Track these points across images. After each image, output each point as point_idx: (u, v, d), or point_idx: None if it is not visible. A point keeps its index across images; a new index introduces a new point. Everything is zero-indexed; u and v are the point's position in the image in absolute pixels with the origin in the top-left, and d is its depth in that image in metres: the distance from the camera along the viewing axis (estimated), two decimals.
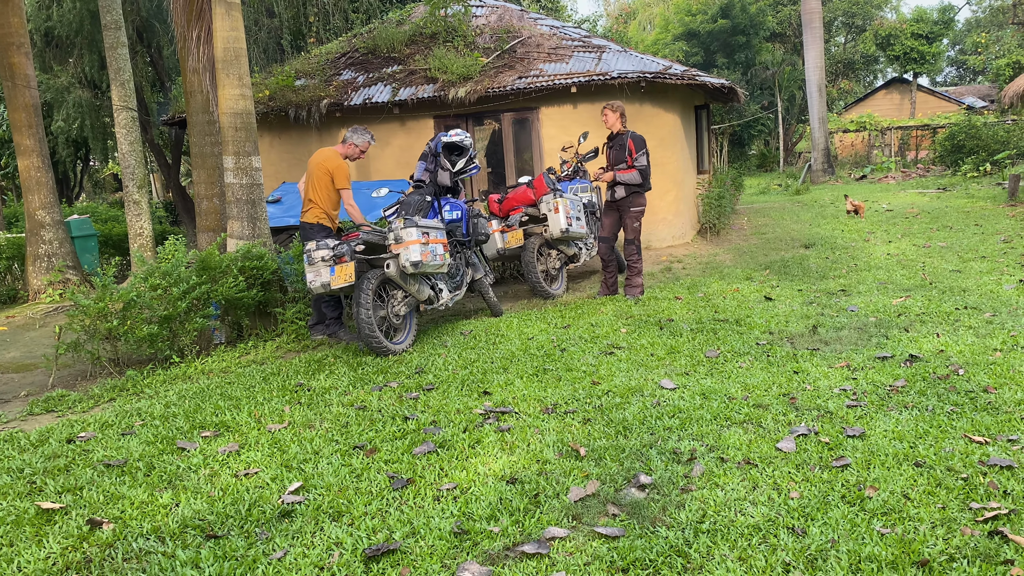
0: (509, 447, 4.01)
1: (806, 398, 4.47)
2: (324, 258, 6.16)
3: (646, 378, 5.04)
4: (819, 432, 3.94)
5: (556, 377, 5.23)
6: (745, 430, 4.04)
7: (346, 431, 4.42)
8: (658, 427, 4.15)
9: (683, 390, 4.74)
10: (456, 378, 5.35)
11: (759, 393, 4.61)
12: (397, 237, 6.15)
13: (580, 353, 5.83)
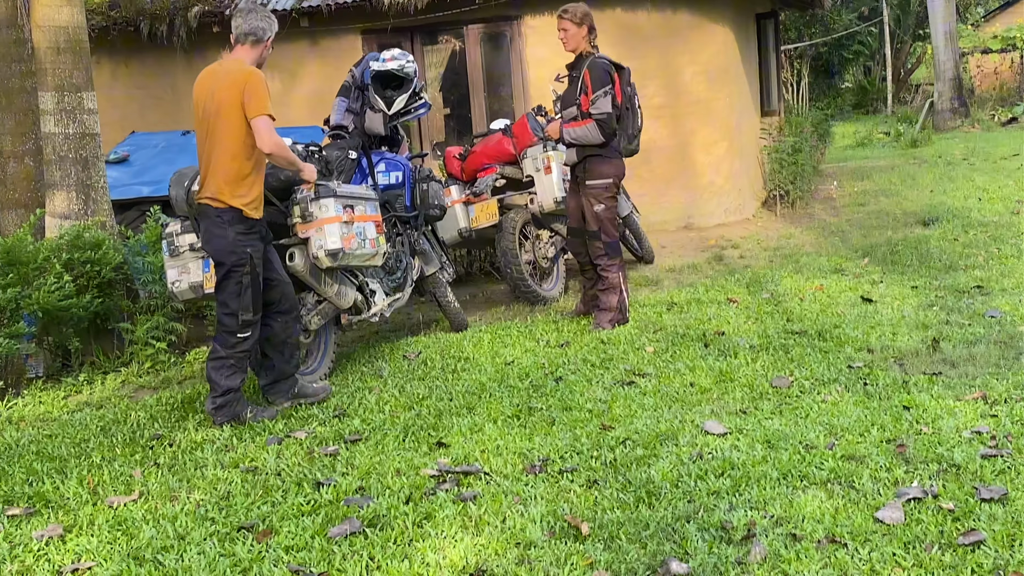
0: (475, 525, 4.02)
1: (921, 445, 4.52)
2: (194, 246, 6.15)
3: (682, 419, 5.08)
4: (939, 495, 3.99)
5: (547, 420, 5.25)
6: (829, 493, 4.08)
7: (227, 505, 4.41)
8: (699, 491, 4.18)
9: (737, 436, 4.78)
10: (396, 424, 5.36)
11: (851, 439, 4.65)
12: (305, 213, 6.16)
13: (584, 384, 5.86)
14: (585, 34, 7.34)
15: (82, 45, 7.81)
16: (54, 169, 7.69)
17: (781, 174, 13.03)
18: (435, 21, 11.94)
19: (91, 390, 6.90)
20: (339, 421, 5.54)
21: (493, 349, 6.94)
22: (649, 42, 11.79)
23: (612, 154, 7.36)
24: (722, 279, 8.88)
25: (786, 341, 6.45)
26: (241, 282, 5.61)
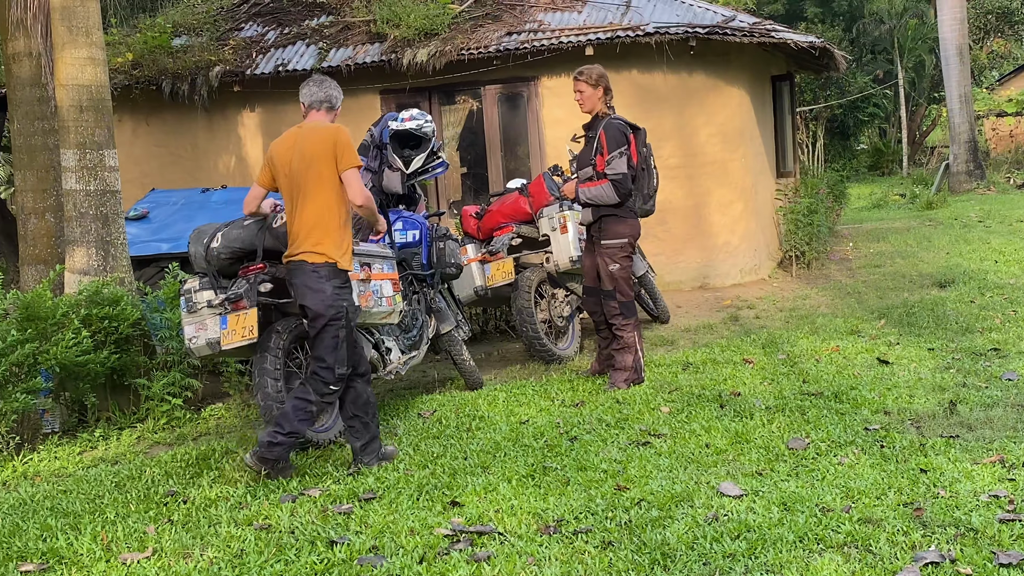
0: None
1: (938, 509, 4.49)
2: (212, 303, 6.20)
3: (698, 481, 5.06)
4: (957, 559, 3.96)
5: (562, 480, 5.24)
6: (846, 557, 4.06)
7: (241, 563, 4.41)
8: (715, 553, 4.16)
9: (754, 498, 4.76)
10: (410, 482, 5.35)
11: (868, 502, 4.63)
12: None
13: (599, 444, 5.85)
14: (601, 95, 7.43)
15: (104, 104, 7.93)
16: (74, 225, 7.78)
17: (797, 235, 13.05)
18: (453, 81, 12.08)
19: (106, 446, 6.93)
20: (353, 479, 5.53)
21: (508, 408, 6.94)
22: (665, 103, 11.89)
23: (627, 214, 7.40)
24: (738, 339, 8.88)
25: (802, 402, 6.43)
26: (338, 335, 5.67)
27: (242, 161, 13.10)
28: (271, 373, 6.06)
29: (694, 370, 7.74)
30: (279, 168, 5.81)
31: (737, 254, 12.17)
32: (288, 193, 5.79)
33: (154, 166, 13.09)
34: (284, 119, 12.74)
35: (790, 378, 7.22)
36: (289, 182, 5.77)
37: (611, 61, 11.73)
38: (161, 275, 8.50)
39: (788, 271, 12.99)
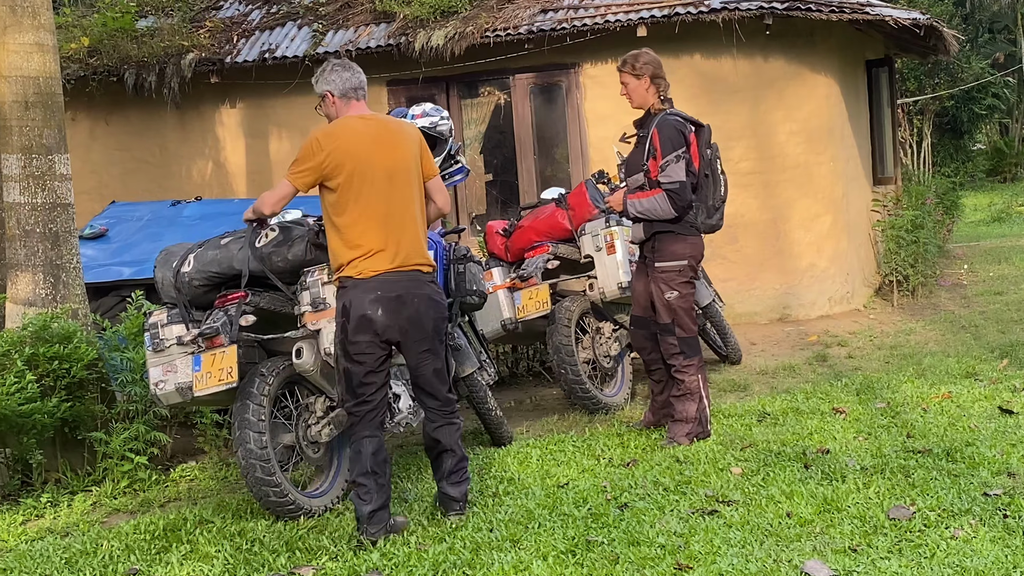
0: None
1: None
2: (182, 339, 6.22)
3: (777, 559, 5.01)
4: None
5: (610, 557, 5.20)
6: None
7: None
8: None
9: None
10: (424, 560, 5.33)
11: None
12: (316, 300, 6.23)
13: (655, 513, 5.81)
14: (648, 86, 7.41)
15: (55, 99, 7.99)
16: (18, 246, 7.82)
17: (898, 255, 12.98)
18: (475, 70, 12.13)
19: (55, 514, 6.93)
20: (354, 555, 5.51)
21: (543, 468, 6.91)
22: (735, 95, 11.89)
23: (688, 230, 7.35)
24: (826, 384, 8.81)
25: (906, 462, 6.37)
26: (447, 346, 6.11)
27: (220, 167, 13.20)
28: (254, 425, 6.05)
29: (772, 422, 7.69)
30: (350, 164, 5.81)
31: (825, 279, 12.11)
32: (379, 194, 5.84)
33: (115, 174, 13.22)
34: (271, 116, 12.86)
35: (891, 432, 7.15)
36: (379, 182, 5.85)
37: (669, 44, 11.74)
38: (122, 306, 8.54)
39: (888, 299, 12.90)
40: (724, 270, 11.62)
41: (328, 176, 5.82)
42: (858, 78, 13.78)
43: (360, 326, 5.75)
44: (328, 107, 6.11)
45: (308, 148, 5.90)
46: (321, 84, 6.10)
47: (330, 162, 5.82)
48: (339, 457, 6.67)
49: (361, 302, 5.75)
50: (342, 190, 5.80)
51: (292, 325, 6.34)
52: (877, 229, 13.51)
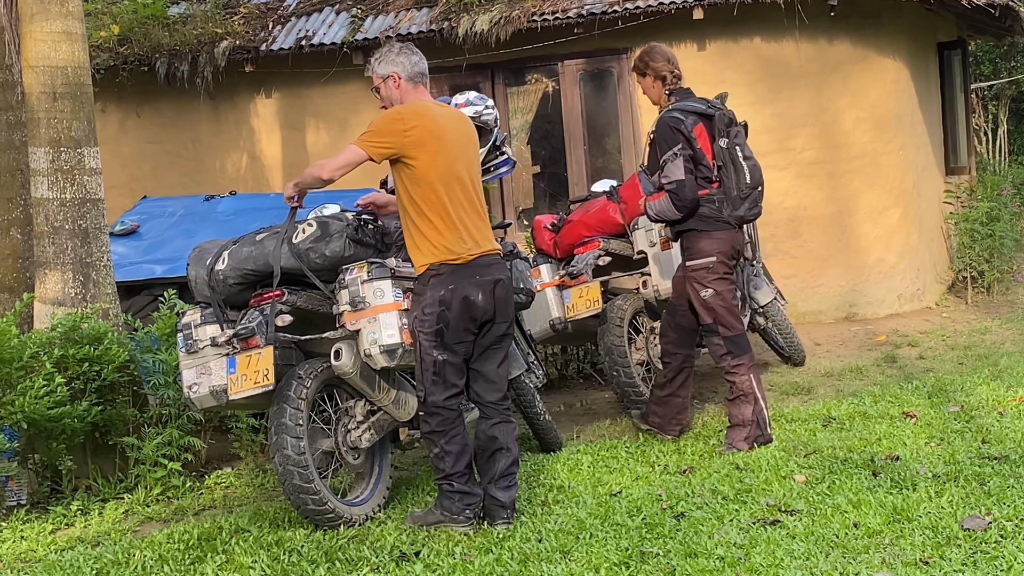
0: None
1: None
2: (216, 340, 6.26)
3: (843, 571, 4.98)
4: None
5: (665, 569, 5.19)
6: None
7: None
8: None
9: None
10: (470, 571, 5.34)
11: None
12: (355, 299, 6.24)
13: (713, 523, 5.78)
14: (652, 83, 7.56)
15: (84, 89, 8.04)
16: (46, 243, 7.88)
17: (973, 250, 12.87)
18: (522, 56, 12.13)
19: (86, 522, 6.99)
20: (397, 566, 5.52)
21: (595, 475, 6.91)
22: (798, 80, 11.83)
23: (714, 226, 7.33)
24: (896, 387, 8.76)
25: (981, 469, 6.30)
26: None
27: (255, 160, 13.26)
28: (292, 430, 6.06)
29: (838, 427, 7.65)
30: (433, 144, 5.96)
31: (894, 275, 12.03)
32: (447, 177, 6.00)
33: (146, 168, 13.31)
34: (308, 106, 12.91)
35: (965, 437, 7.09)
36: (452, 164, 6.03)
37: (727, 27, 11.73)
38: (155, 305, 8.58)
39: (962, 297, 12.81)
40: (786, 266, 11.57)
41: (409, 153, 5.93)
42: (929, 61, 13.67)
43: (463, 312, 5.95)
44: (392, 90, 6.19)
45: (390, 120, 6.00)
46: (386, 65, 6.18)
47: (413, 138, 5.93)
48: (380, 464, 6.68)
49: (463, 286, 5.94)
50: (425, 169, 5.94)
51: (330, 325, 6.36)
52: (950, 222, 13.40)
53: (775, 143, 11.73)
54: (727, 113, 7.45)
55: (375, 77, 6.24)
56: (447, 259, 5.92)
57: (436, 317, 5.91)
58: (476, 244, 6.03)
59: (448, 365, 5.97)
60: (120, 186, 12.80)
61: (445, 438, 6.03)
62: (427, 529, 6.00)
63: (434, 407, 6.00)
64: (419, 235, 5.97)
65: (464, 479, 6.05)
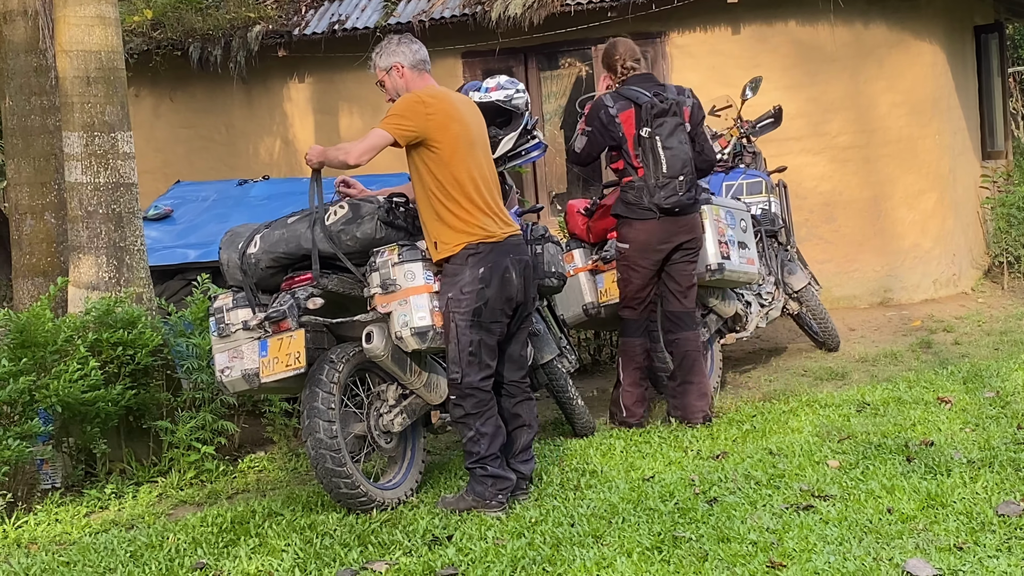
0: None
1: None
2: (248, 324, 6.28)
3: (877, 557, 4.96)
4: None
5: (698, 554, 5.18)
6: None
7: None
8: None
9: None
10: (502, 556, 5.33)
11: None
12: (386, 282, 6.24)
13: (746, 507, 5.78)
14: (606, 74, 8.07)
15: (117, 74, 8.08)
16: (80, 228, 7.93)
17: (1010, 234, 12.80)
18: (555, 40, 12.11)
19: (120, 505, 7.04)
20: (429, 550, 5.53)
21: (627, 460, 6.91)
22: (833, 64, 11.77)
23: (636, 213, 7.73)
24: (931, 372, 8.72)
25: (1016, 455, 6.27)
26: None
27: (288, 145, 13.29)
28: (324, 414, 6.08)
29: (872, 412, 7.62)
30: (456, 127, 6.10)
31: (929, 260, 11.97)
32: (469, 160, 6.15)
33: (179, 152, 13.36)
34: (341, 91, 12.94)
35: (1000, 423, 7.05)
36: (471, 147, 6.18)
37: (762, 10, 11.69)
38: (188, 290, 8.61)
39: (998, 282, 12.73)
40: (821, 251, 11.53)
41: (432, 136, 6.02)
42: (966, 45, 13.56)
43: (501, 290, 6.08)
44: (396, 80, 6.27)
45: (412, 104, 6.07)
46: (388, 57, 6.27)
47: (436, 122, 6.03)
48: (412, 448, 6.69)
49: (501, 264, 6.08)
50: (450, 152, 6.05)
51: (362, 308, 6.37)
52: (986, 207, 13.32)
53: (810, 127, 11.71)
54: (665, 104, 7.71)
55: (378, 71, 6.34)
56: (484, 238, 6.03)
57: (476, 295, 6.00)
58: (506, 224, 6.17)
59: (484, 345, 6.04)
60: (154, 171, 12.86)
61: (480, 420, 6.07)
62: (459, 513, 6.02)
63: (469, 388, 6.04)
64: (450, 215, 6.04)
65: (498, 462, 6.09)
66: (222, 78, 12.96)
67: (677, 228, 7.72)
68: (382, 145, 6.06)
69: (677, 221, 7.69)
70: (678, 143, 7.68)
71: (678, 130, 7.68)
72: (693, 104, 7.86)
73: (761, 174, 9.74)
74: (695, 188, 7.76)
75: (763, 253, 9.18)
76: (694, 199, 7.74)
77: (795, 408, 7.84)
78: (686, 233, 7.74)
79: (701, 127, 7.87)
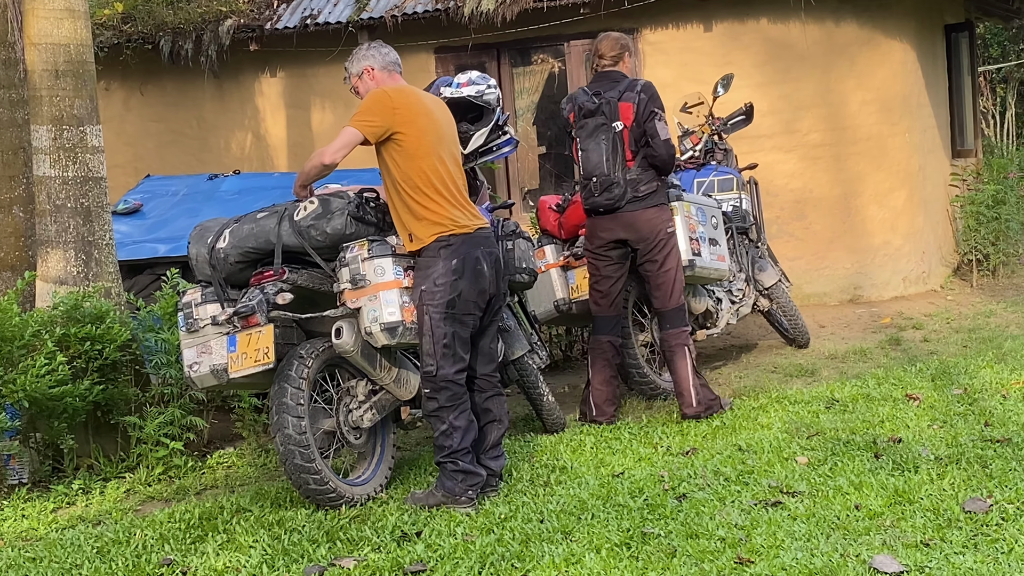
0: None
1: None
2: (217, 319, 6.26)
3: (845, 553, 4.98)
4: None
5: (666, 550, 5.19)
6: None
7: None
8: None
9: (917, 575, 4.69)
10: (471, 552, 5.33)
11: None
12: (356, 277, 6.24)
13: (715, 504, 5.79)
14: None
15: (86, 67, 8.02)
16: (48, 221, 7.88)
17: (978, 232, 12.85)
18: (528, 36, 12.11)
19: (87, 501, 7.00)
20: (398, 546, 5.52)
21: (597, 456, 6.91)
22: (804, 62, 11.80)
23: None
24: (899, 369, 8.75)
25: (983, 452, 6.30)
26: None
27: (260, 140, 13.26)
28: (293, 409, 6.06)
29: (841, 409, 7.64)
30: (422, 121, 6.16)
31: (899, 258, 12.02)
32: (437, 154, 6.21)
33: (150, 146, 13.30)
34: (314, 86, 12.90)
35: (968, 420, 7.08)
36: (439, 142, 6.26)
37: (734, 7, 11.72)
38: (157, 284, 8.57)
39: (967, 280, 12.78)
40: (792, 248, 11.56)
41: (398, 130, 6.08)
42: (936, 43, 13.61)
43: (474, 281, 6.12)
44: (368, 83, 6.37)
45: (378, 100, 6.15)
46: (358, 63, 6.40)
47: (401, 116, 6.10)
48: (382, 444, 6.69)
49: (473, 255, 6.13)
50: (416, 145, 6.11)
51: (332, 304, 6.35)
52: (956, 205, 13.38)
53: (781, 125, 11.76)
54: (592, 105, 7.84)
55: (352, 78, 6.46)
56: (455, 230, 6.07)
57: (449, 287, 6.03)
58: (475, 216, 6.23)
59: (458, 338, 6.07)
60: (124, 165, 12.81)
61: (454, 413, 6.07)
62: (429, 510, 6.02)
63: (444, 381, 6.05)
64: (420, 208, 6.08)
65: (469, 457, 6.10)
66: (193, 72, 12.91)
67: (613, 225, 7.78)
68: (354, 142, 6.10)
69: (614, 218, 7.76)
70: (594, 145, 7.78)
71: (598, 131, 7.76)
72: (639, 100, 7.73)
73: (732, 171, 9.75)
74: (627, 187, 7.69)
75: (734, 250, 9.21)
76: (620, 199, 7.69)
77: (765, 404, 7.86)
78: (624, 231, 7.76)
79: (651, 122, 7.68)
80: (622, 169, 7.69)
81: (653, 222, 7.74)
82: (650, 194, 7.73)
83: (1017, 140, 24.99)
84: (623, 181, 7.67)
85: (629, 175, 7.68)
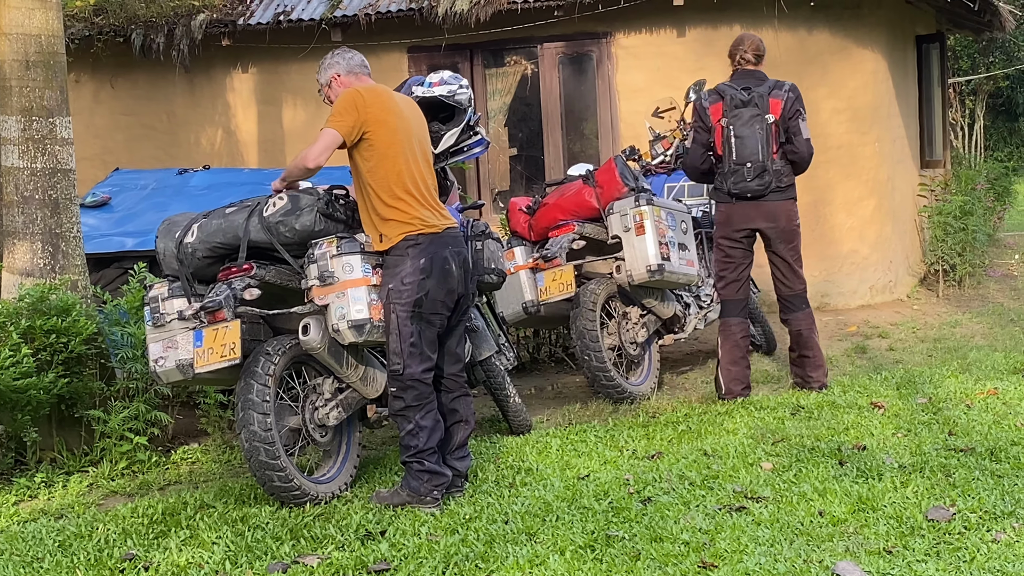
0: None
1: None
2: (183, 314, 6.24)
3: (808, 559, 4.99)
4: None
5: (630, 553, 5.20)
6: None
7: None
8: None
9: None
10: (435, 552, 5.33)
11: None
12: (324, 274, 6.23)
13: (679, 508, 5.80)
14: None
15: (57, 58, 8.00)
16: (15, 213, 7.85)
17: (945, 243, 12.92)
18: (501, 37, 12.11)
19: (50, 495, 6.97)
20: (362, 545, 5.51)
21: (563, 459, 6.91)
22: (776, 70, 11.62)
23: (717, 196, 8.42)
24: (865, 377, 8.78)
25: (947, 460, 6.33)
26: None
27: (231, 135, 13.21)
28: (258, 406, 6.06)
29: (806, 415, 7.66)
30: (393, 120, 6.18)
31: (867, 267, 12.07)
32: (413, 155, 6.26)
33: (119, 140, 13.24)
34: (286, 83, 12.87)
35: (932, 429, 7.11)
36: (409, 141, 6.26)
37: (707, 13, 11.73)
38: (125, 278, 8.54)
39: (933, 290, 12.85)
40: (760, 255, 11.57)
41: (370, 128, 6.10)
42: (907, 54, 13.69)
43: (442, 281, 6.12)
44: (336, 89, 6.40)
45: (349, 100, 6.15)
46: (326, 71, 6.47)
47: (372, 115, 6.11)
48: (348, 442, 6.69)
49: (441, 255, 6.14)
50: (387, 144, 6.12)
51: (299, 301, 6.34)
52: (923, 215, 13.45)
53: None
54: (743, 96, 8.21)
55: (323, 88, 6.50)
56: (423, 229, 6.07)
57: (417, 286, 6.03)
58: (444, 216, 6.24)
59: (425, 337, 6.07)
60: (93, 158, 12.74)
61: (420, 412, 6.07)
62: (393, 509, 6.01)
63: (411, 380, 6.05)
64: (388, 208, 6.09)
65: (435, 457, 6.09)
66: (165, 66, 12.85)
67: (755, 214, 8.17)
68: (334, 143, 6.12)
69: (757, 207, 8.16)
70: (750, 132, 8.09)
71: (753, 120, 8.09)
72: (787, 98, 8.18)
73: None
74: (774, 177, 8.07)
75: (703, 255, 9.23)
76: (768, 186, 8.08)
77: (730, 410, 7.88)
78: (764, 220, 8.18)
79: (796, 120, 8.10)
80: (770, 159, 8.02)
81: (790, 214, 8.26)
82: (789, 186, 8.19)
83: (985, 152, 25.17)
84: (771, 170, 8.02)
85: (775, 166, 8.04)
